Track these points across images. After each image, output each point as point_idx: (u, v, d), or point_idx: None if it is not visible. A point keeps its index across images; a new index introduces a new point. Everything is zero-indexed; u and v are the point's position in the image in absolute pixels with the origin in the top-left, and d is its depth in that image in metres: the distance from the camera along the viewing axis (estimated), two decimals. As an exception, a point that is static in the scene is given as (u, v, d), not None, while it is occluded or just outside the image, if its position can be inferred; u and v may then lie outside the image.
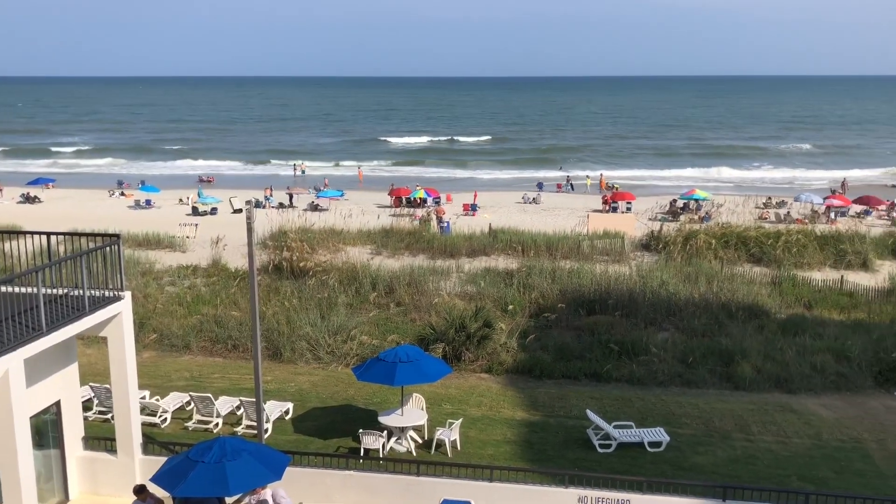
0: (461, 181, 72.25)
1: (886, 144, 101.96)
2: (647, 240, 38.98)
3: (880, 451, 17.95)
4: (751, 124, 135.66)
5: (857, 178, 68.46)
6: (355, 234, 39.42)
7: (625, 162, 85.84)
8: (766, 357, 23.96)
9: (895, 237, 38.09)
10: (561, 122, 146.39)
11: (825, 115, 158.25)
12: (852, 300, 30.31)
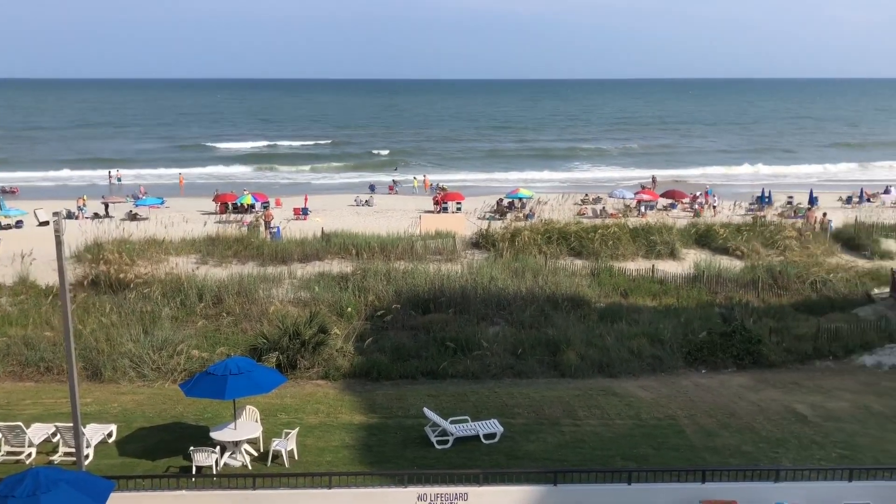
0: (292, 185, 71.03)
1: (694, 143, 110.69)
2: (476, 238, 40.08)
3: (692, 425, 19.46)
4: (574, 126, 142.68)
5: (671, 176, 73.75)
6: (179, 243, 37.68)
7: (457, 164, 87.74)
8: (588, 344, 25.35)
9: (697, 227, 41.37)
10: (394, 124, 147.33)
11: (644, 116, 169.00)
12: (663, 287, 32.67)
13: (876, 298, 31.71)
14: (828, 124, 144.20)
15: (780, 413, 20.24)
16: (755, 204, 52.93)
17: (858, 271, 34.57)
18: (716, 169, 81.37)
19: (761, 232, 39.87)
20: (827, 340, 26.14)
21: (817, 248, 38.24)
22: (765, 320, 28.16)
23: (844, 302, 31.43)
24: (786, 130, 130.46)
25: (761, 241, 38.85)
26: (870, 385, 22.93)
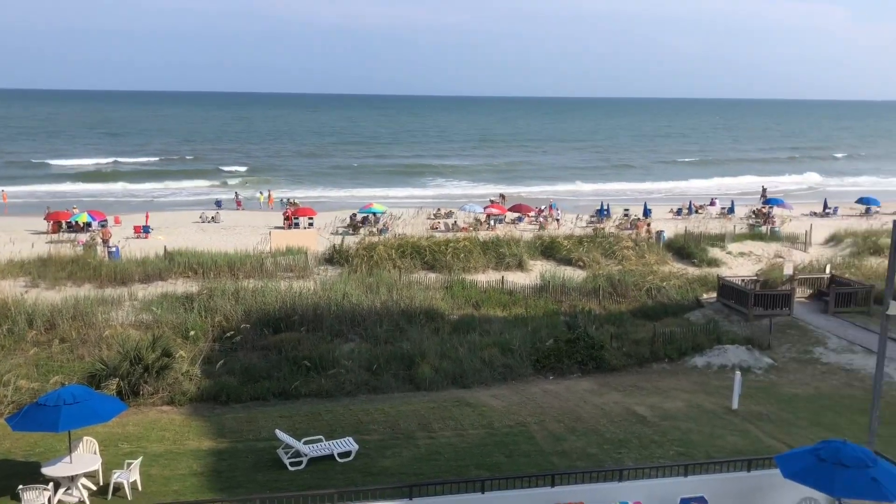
0: (133, 202, 67.53)
1: (545, 158, 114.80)
2: (329, 254, 39.70)
3: (541, 431, 20.11)
4: (428, 142, 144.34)
5: (519, 192, 76.13)
6: (4, 264, 34.91)
7: (311, 179, 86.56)
8: (442, 357, 25.68)
9: (543, 240, 42.98)
10: (245, 138, 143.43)
11: (499, 133, 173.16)
12: (512, 298, 33.66)
13: (705, 303, 34.11)
14: (668, 141, 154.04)
15: (622, 415, 21.30)
16: (595, 217, 55.63)
17: (689, 278, 37.07)
18: (561, 184, 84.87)
19: (601, 243, 41.94)
20: (662, 344, 27.82)
21: (652, 257, 40.68)
22: (606, 327, 29.64)
23: (677, 307, 33.61)
24: (629, 147, 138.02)
25: (601, 252, 40.86)
26: (701, 385, 24.60)
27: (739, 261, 41.91)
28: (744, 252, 43.14)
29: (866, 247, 42.80)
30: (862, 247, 43.01)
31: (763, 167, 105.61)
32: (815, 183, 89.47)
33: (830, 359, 27.04)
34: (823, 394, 23.70)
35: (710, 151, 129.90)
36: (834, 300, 32.52)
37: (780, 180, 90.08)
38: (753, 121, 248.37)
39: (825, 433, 19.25)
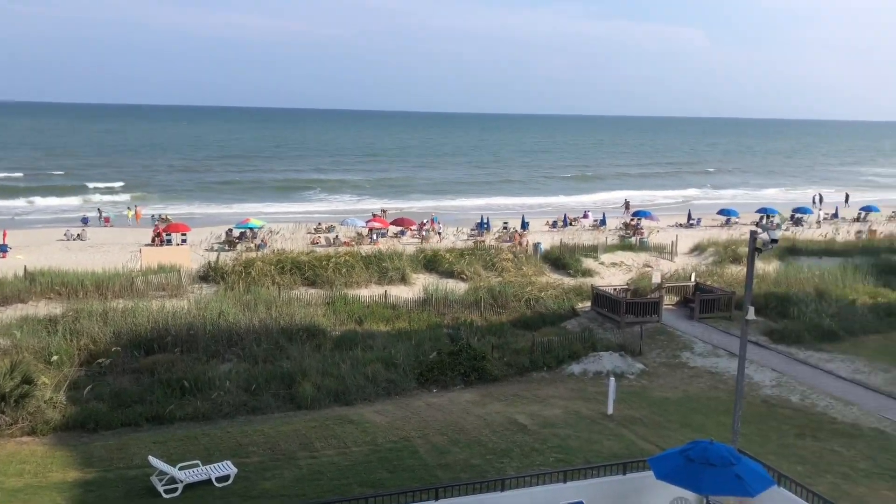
0: (-12, 220, 63.09)
1: (428, 173, 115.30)
2: (205, 271, 38.41)
3: (425, 444, 20.13)
4: (309, 156, 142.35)
5: (405, 207, 76.24)
6: None
7: (186, 195, 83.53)
8: (324, 374, 25.30)
9: (425, 253, 43.23)
10: (116, 152, 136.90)
11: (385, 148, 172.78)
12: (395, 312, 33.63)
13: (580, 312, 35.23)
14: (548, 156, 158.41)
15: (503, 424, 21.62)
16: (476, 230, 56.49)
17: (565, 288, 38.19)
18: (444, 198, 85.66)
19: (482, 256, 42.61)
20: (541, 353, 28.50)
21: (530, 269, 41.67)
22: (488, 338, 30.09)
23: (554, 317, 34.54)
24: (510, 162, 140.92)
25: (482, 264, 41.51)
26: (578, 391, 25.33)
27: (611, 271, 43.56)
28: (615, 262, 44.90)
29: (727, 255, 45.45)
30: (723, 255, 45.64)
31: (643, 181, 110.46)
32: (691, 196, 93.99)
33: (697, 363, 28.48)
34: (691, 396, 24.91)
35: (589, 167, 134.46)
36: (699, 306, 34.32)
37: (657, 194, 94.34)
38: (626, 137, 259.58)
39: (694, 434, 20.21)
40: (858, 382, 26.02)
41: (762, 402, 24.16)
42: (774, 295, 35.75)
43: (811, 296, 35.38)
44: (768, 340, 31.05)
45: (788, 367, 27.72)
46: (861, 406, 23.63)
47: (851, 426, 22.06)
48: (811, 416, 22.84)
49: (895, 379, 26.35)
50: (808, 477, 18.03)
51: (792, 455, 19.83)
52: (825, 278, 38.97)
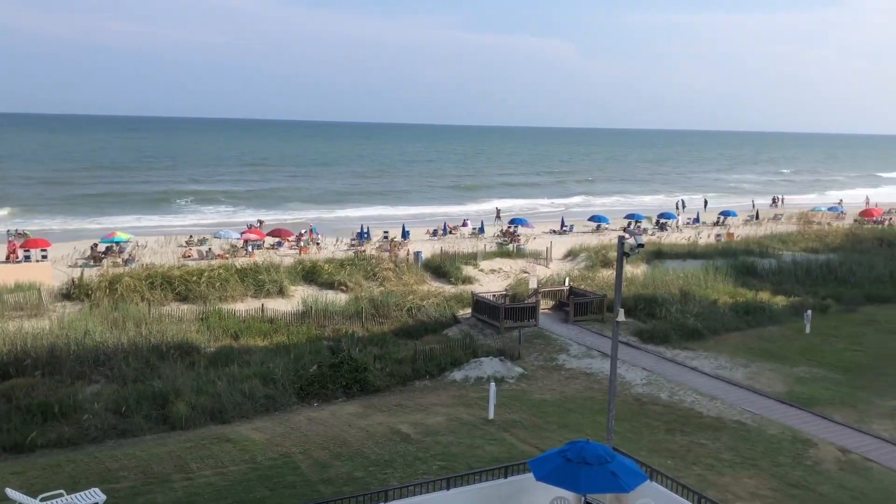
0: None
1: (307, 183, 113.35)
2: (68, 288, 36.28)
3: (307, 460, 19.75)
4: (184, 166, 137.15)
5: (284, 217, 74.65)
6: None
7: (50, 208, 78.62)
8: (199, 392, 24.42)
9: (304, 264, 42.54)
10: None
11: (256, 157, 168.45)
12: (273, 326, 32.93)
13: (461, 319, 35.64)
14: (430, 166, 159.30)
15: (386, 435, 21.52)
16: (356, 240, 56.13)
17: (446, 296, 38.53)
18: (324, 209, 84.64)
19: (362, 265, 42.36)
20: (423, 361, 28.61)
21: (411, 277, 41.78)
22: (369, 348, 29.91)
23: (436, 325, 34.79)
24: (391, 171, 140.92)
25: (363, 274, 41.26)
26: (460, 398, 25.57)
27: (490, 277, 44.33)
28: (494, 269, 45.70)
29: (599, 260, 47.18)
30: (595, 260, 47.35)
31: (527, 190, 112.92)
32: (573, 203, 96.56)
33: (573, 364, 29.37)
34: (568, 397, 25.64)
35: (471, 175, 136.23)
36: (573, 310, 35.44)
37: (541, 202, 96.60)
38: (506, 147, 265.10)
39: (571, 434, 20.80)
40: (721, 378, 27.56)
41: (634, 400, 25.17)
42: (643, 297, 37.40)
43: (676, 297, 37.24)
44: (638, 340, 32.42)
45: (657, 365, 29.03)
46: (724, 400, 25.02)
47: (716, 419, 23.32)
48: (679, 412, 23.98)
49: (754, 373, 28.08)
50: (677, 470, 18.92)
51: (663, 450, 20.75)
52: (689, 280, 41.11)
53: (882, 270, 44.99)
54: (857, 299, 39.60)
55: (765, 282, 42.90)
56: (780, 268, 46.21)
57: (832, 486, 18.74)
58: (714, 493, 17.65)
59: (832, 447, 21.16)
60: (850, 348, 31.43)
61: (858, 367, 28.99)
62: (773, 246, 53.54)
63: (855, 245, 54.97)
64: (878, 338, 33.12)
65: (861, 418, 23.51)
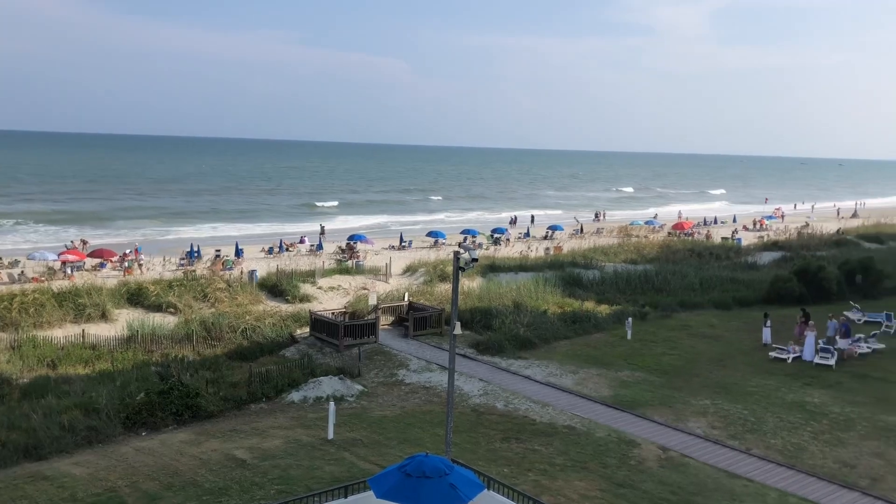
0: None
1: (128, 202, 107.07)
2: None
3: (134, 493, 18.61)
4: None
5: (108, 237, 70.08)
6: None
7: None
8: (10, 427, 22.49)
9: (129, 286, 40.24)
10: None
11: (73, 174, 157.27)
12: (96, 352, 30.93)
13: (299, 338, 35.02)
14: (264, 182, 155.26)
15: (221, 462, 20.71)
16: (185, 259, 53.83)
17: (283, 315, 37.74)
18: (151, 227, 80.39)
19: (192, 286, 40.66)
20: (259, 384, 27.82)
21: (245, 297, 40.59)
22: (202, 372, 28.73)
23: (273, 345, 33.99)
24: (230, 189, 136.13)
25: (193, 295, 39.61)
26: (298, 419, 25.07)
27: (329, 295, 43.91)
28: (333, 286, 45.33)
29: (436, 274, 47.98)
30: (433, 275, 48.12)
31: (373, 206, 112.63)
32: (420, 220, 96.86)
33: (413, 379, 29.62)
34: (408, 412, 25.80)
35: (310, 193, 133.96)
36: (412, 325, 35.79)
37: (390, 219, 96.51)
38: (342, 162, 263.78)
39: (412, 449, 20.93)
40: (552, 385, 28.76)
41: (472, 410, 25.73)
42: (479, 309, 38.42)
43: (510, 308, 38.53)
44: (475, 352, 33.22)
45: (493, 375, 29.86)
46: (555, 406, 26.12)
47: (548, 425, 24.28)
48: (514, 420, 24.76)
49: (582, 379, 29.52)
50: (513, 477, 19.52)
51: (499, 458, 21.33)
52: (521, 292, 42.68)
53: (693, 279, 48.78)
54: (672, 306, 42.67)
55: (590, 292, 45.29)
56: (603, 278, 48.99)
57: (654, 483, 20.01)
58: (548, 497, 18.36)
59: (653, 446, 22.61)
60: (666, 352, 33.76)
61: (674, 369, 31.20)
62: (597, 258, 56.72)
63: (669, 256, 59.27)
64: (690, 341, 35.82)
65: (678, 417, 25.29)
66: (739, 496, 19.36)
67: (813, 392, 28.18)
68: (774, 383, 29.23)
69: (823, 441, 23.36)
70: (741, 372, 30.76)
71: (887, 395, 28.08)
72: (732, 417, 25.30)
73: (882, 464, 21.74)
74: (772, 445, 22.97)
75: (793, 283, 45.57)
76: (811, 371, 31.07)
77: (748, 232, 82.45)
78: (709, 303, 44.18)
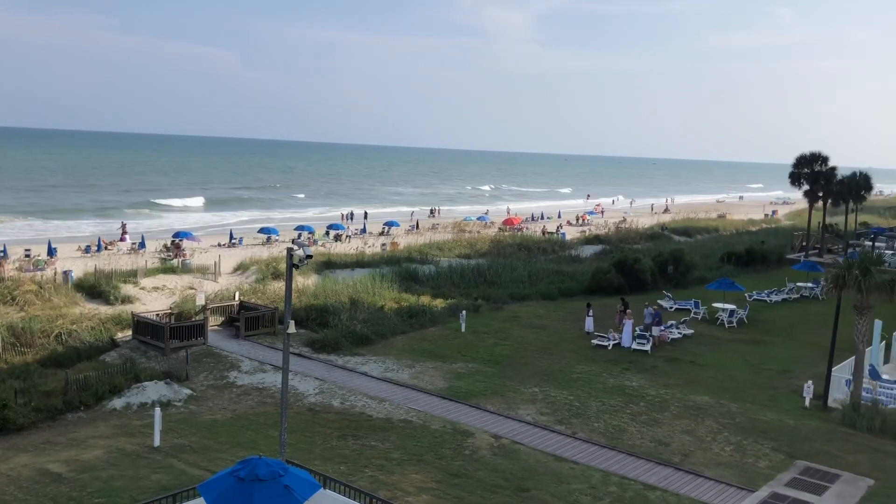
0: None
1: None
2: None
3: (-71, 519, 16.84)
4: None
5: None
6: None
7: None
8: None
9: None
10: None
11: None
12: None
13: (121, 342, 33.02)
14: (85, 176, 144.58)
15: (33, 478, 19.15)
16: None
17: (102, 318, 35.39)
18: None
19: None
20: (77, 391, 25.98)
21: (60, 299, 37.67)
22: (10, 382, 26.43)
23: (91, 350, 31.82)
24: (42, 182, 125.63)
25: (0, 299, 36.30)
26: (122, 427, 23.65)
27: (154, 295, 41.69)
28: (157, 286, 43.07)
29: (269, 272, 46.82)
30: (265, 272, 46.90)
31: (193, 201, 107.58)
32: (275, 217, 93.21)
33: (245, 381, 28.75)
34: (241, 415, 25.02)
35: (127, 190, 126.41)
36: (244, 325, 34.74)
37: (206, 217, 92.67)
38: (163, 155, 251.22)
39: (245, 452, 20.29)
40: (389, 380, 28.90)
41: (308, 410, 25.34)
42: (314, 307, 37.90)
43: (346, 305, 38.31)
44: (311, 350, 32.75)
45: (330, 373, 29.58)
46: (392, 401, 26.27)
47: (385, 420, 24.37)
48: (351, 417, 24.66)
49: (418, 373, 29.87)
50: (350, 474, 19.43)
51: (336, 456, 21.16)
52: (358, 288, 42.55)
53: (522, 272, 50.69)
54: (503, 298, 44.13)
55: (426, 286, 45.92)
56: (439, 273, 49.83)
57: (487, 471, 20.60)
58: (385, 492, 18.42)
59: (486, 435, 23.28)
60: (498, 343, 34.87)
61: (506, 359, 32.28)
62: (432, 253, 57.62)
63: (500, 250, 61.28)
64: (520, 332, 37.19)
65: (509, 406, 26.19)
66: (566, 478, 20.33)
67: (631, 376, 30.10)
68: (597, 369, 30.96)
69: (641, 422, 25.01)
70: (567, 359, 32.32)
71: (696, 377, 30.51)
72: (559, 403, 26.53)
73: (692, 440, 23.59)
74: (595, 428, 24.31)
75: (612, 274, 48.45)
76: (629, 356, 33.19)
77: (571, 227, 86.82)
78: (537, 294, 46.10)
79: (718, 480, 20.56)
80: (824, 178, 66.20)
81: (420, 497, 18.71)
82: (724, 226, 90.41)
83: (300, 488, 13.51)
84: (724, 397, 27.73)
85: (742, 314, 41.07)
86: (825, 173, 66.13)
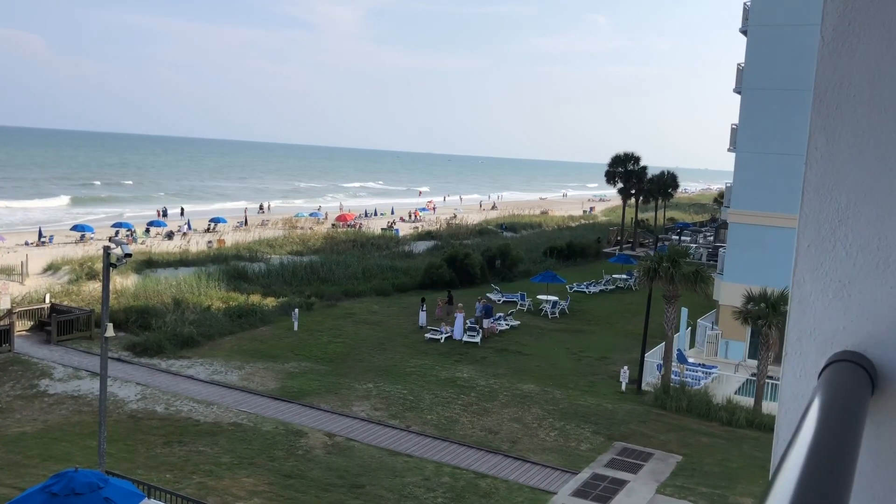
0: None
1: None
2: None
3: None
4: None
5: None
6: None
7: None
8: None
9: None
10: None
11: None
12: None
13: None
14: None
15: None
16: None
17: None
18: None
19: None
20: None
21: None
22: None
23: None
24: None
25: None
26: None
27: (-51, 300, 37.85)
28: (-47, 289, 39.14)
29: (84, 272, 43.82)
30: (80, 273, 43.86)
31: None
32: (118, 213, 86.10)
33: (58, 389, 26.77)
34: (53, 426, 23.28)
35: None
36: (56, 329, 32.33)
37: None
38: None
39: (58, 466, 18.89)
40: (217, 383, 27.93)
41: (129, 417, 24.00)
42: (134, 308, 35.93)
43: (170, 306, 36.58)
44: (131, 355, 31.01)
45: (152, 378, 28.14)
46: (220, 404, 25.41)
47: (213, 425, 23.54)
48: (176, 423, 23.60)
49: (249, 374, 29.09)
50: (176, 482, 18.61)
51: (161, 464, 20.19)
52: (182, 288, 40.73)
53: (356, 268, 50.59)
54: (337, 295, 43.86)
55: (256, 285, 44.73)
56: (270, 271, 48.69)
57: (321, 470, 20.43)
58: (214, 498, 17.82)
59: (320, 434, 23.08)
60: (332, 340, 34.63)
61: (340, 356, 32.13)
62: (262, 250, 56.18)
63: (333, 247, 60.79)
64: (354, 328, 37.14)
65: (343, 403, 26.10)
66: (401, 472, 20.56)
67: (463, 368, 30.91)
68: (430, 362, 31.52)
69: (472, 412, 25.76)
70: (401, 354, 32.66)
71: (523, 366, 31.81)
72: (393, 398, 26.77)
73: (519, 427, 24.59)
74: (428, 421, 24.76)
75: (443, 269, 49.48)
76: (461, 349, 34.06)
77: (405, 223, 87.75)
78: (371, 290, 46.19)
79: (544, 465, 21.57)
80: (636, 176, 70.99)
81: (252, 501, 18.26)
82: (546, 221, 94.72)
83: (122, 500, 12.80)
84: (548, 385, 29.10)
85: (564, 305, 43.27)
86: (637, 172, 70.91)
